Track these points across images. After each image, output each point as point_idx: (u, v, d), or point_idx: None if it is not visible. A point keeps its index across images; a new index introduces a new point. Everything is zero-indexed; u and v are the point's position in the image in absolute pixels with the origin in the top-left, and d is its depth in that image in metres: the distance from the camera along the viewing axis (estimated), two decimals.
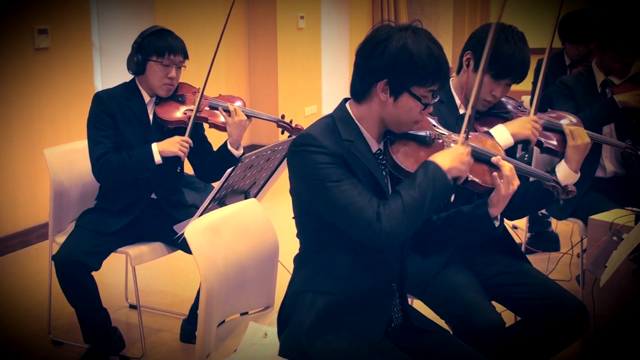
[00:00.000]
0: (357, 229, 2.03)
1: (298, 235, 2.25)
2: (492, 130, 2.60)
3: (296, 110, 7.61)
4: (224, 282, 2.39)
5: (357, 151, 2.10)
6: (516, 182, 2.16)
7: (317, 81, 8.19)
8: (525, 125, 2.48)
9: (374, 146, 2.18)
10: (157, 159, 3.21)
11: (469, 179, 2.19)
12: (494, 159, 2.20)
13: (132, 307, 4.00)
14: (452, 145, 2.20)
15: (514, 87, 2.70)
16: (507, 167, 2.16)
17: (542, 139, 2.71)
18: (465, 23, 10.07)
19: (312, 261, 2.21)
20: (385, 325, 2.19)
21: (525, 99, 5.31)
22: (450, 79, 2.78)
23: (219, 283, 2.37)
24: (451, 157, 2.09)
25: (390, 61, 2.05)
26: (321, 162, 2.04)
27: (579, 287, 3.79)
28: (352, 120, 2.15)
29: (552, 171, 2.64)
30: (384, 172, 2.18)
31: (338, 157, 2.05)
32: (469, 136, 2.17)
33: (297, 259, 2.28)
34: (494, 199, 2.16)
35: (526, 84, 2.86)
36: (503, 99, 2.76)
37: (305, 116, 7.80)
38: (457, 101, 2.73)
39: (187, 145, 3.25)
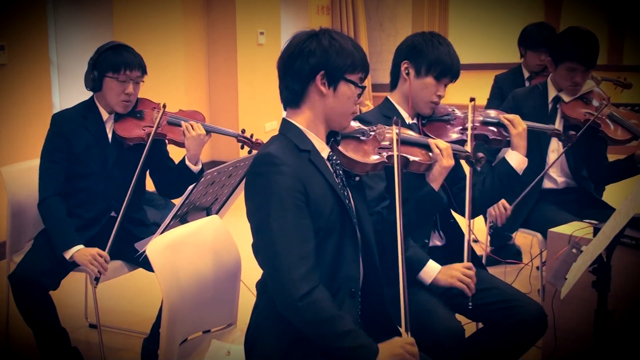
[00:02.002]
0: (274, 278, 2.06)
1: (256, 259, 2.21)
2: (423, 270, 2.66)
3: (257, 126, 7.59)
4: (186, 299, 2.37)
5: (315, 160, 2.17)
6: (452, 159, 2.48)
7: (278, 97, 8.15)
8: (453, 274, 2.59)
9: (326, 150, 2.25)
10: (68, 256, 3.13)
11: (410, 160, 2.45)
12: (429, 140, 2.51)
13: (92, 326, 3.94)
14: (386, 134, 2.43)
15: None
16: (442, 142, 2.49)
17: (487, 133, 2.88)
18: None
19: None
20: None
21: None
22: (389, 95, 2.89)
23: (181, 301, 2.35)
24: (389, 353, 2.09)
25: (323, 53, 2.17)
26: (277, 191, 2.06)
27: (539, 299, 3.83)
28: (301, 131, 2.21)
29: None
30: (339, 174, 2.25)
31: (296, 179, 2.08)
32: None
33: (259, 285, 2.28)
34: (435, 172, 2.46)
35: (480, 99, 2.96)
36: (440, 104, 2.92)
37: (266, 132, 7.78)
38: (404, 113, 2.85)
39: (102, 262, 3.09)
